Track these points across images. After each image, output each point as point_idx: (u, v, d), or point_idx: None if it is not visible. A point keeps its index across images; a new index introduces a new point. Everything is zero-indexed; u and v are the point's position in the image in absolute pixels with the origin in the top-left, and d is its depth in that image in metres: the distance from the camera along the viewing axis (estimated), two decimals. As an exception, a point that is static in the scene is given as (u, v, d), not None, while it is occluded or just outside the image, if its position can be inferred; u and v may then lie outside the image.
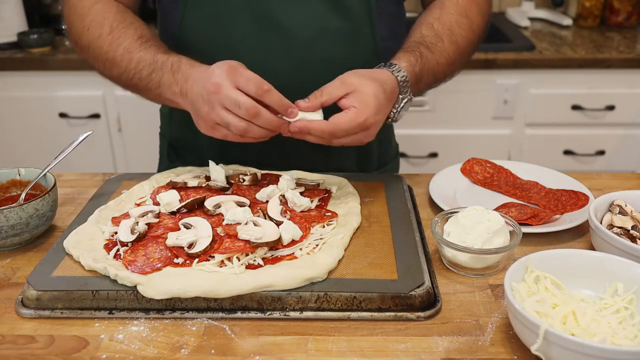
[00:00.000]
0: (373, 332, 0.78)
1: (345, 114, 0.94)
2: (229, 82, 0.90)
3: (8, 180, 1.05)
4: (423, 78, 1.07)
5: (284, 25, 1.08)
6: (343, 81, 0.96)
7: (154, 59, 1.01)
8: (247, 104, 0.89)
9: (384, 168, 1.34)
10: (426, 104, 2.33)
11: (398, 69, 1.02)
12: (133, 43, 1.04)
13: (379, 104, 0.95)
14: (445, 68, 1.10)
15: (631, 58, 2.23)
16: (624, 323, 0.73)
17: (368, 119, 0.94)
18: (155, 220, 0.94)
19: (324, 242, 0.90)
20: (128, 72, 1.03)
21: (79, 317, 0.81)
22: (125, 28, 1.06)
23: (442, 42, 1.09)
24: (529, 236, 0.98)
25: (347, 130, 0.94)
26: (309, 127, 0.94)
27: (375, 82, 0.97)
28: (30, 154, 2.44)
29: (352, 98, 0.94)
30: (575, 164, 2.39)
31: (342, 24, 1.10)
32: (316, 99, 0.96)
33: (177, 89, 0.98)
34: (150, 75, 1.01)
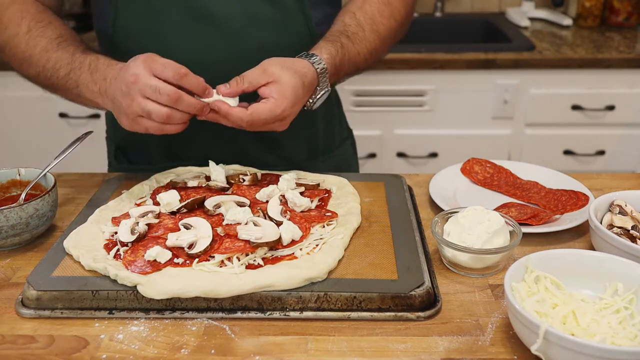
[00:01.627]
0: (373, 332, 0.78)
1: (264, 104, 0.96)
2: (147, 71, 0.90)
3: (8, 180, 1.05)
4: (343, 68, 1.09)
5: (215, 16, 1.09)
6: (264, 69, 0.98)
7: (71, 59, 1.01)
8: (167, 89, 0.90)
9: (333, 153, 1.34)
10: (426, 104, 2.33)
11: (319, 61, 1.04)
12: (51, 42, 1.04)
13: (296, 97, 0.98)
14: (366, 57, 1.13)
15: (631, 58, 2.23)
16: (624, 323, 0.73)
17: (285, 110, 0.97)
18: (155, 220, 0.94)
19: (324, 242, 0.90)
20: (46, 72, 1.03)
21: (79, 317, 0.81)
22: (43, 27, 1.06)
23: (363, 31, 1.12)
24: (529, 236, 0.98)
25: (265, 120, 0.96)
26: (229, 111, 0.96)
27: (295, 74, 0.99)
28: (30, 154, 2.44)
29: (271, 88, 0.97)
30: (575, 164, 2.39)
31: (273, 11, 1.11)
32: (237, 85, 0.98)
33: (96, 88, 0.98)
34: (68, 75, 1.01)
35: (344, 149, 1.39)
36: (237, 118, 0.95)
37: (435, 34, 2.72)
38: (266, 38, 1.12)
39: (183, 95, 0.92)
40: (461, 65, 2.25)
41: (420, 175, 1.22)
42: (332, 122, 1.35)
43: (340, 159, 1.37)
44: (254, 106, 0.96)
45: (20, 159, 2.39)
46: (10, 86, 2.33)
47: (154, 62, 0.92)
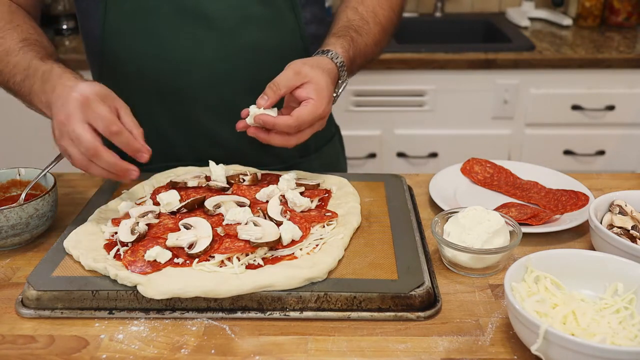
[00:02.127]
0: (373, 332, 0.78)
1: (306, 107, 0.96)
2: (79, 115, 0.87)
3: (8, 180, 1.05)
4: (356, 60, 1.11)
5: (207, 15, 1.09)
6: (297, 71, 0.99)
7: (29, 65, 0.99)
8: (87, 143, 0.87)
9: (323, 149, 1.35)
10: (426, 104, 2.33)
11: (336, 56, 1.05)
12: (14, 45, 1.02)
13: (330, 94, 1.00)
14: (373, 49, 1.16)
15: (631, 58, 2.23)
16: (624, 323, 0.73)
17: (325, 109, 0.98)
18: (155, 220, 0.94)
19: (324, 242, 0.90)
20: (4, 76, 1.02)
21: (79, 317, 0.81)
22: (10, 29, 1.05)
23: (368, 24, 1.14)
24: (529, 236, 0.98)
25: (310, 122, 0.97)
26: (275, 122, 0.96)
27: (324, 72, 1.00)
28: (30, 154, 2.44)
29: (308, 89, 0.97)
30: (575, 164, 2.39)
31: (265, 10, 1.12)
32: (275, 93, 0.98)
33: (44, 99, 0.95)
34: (23, 81, 0.99)
35: (333, 145, 1.40)
36: (285, 126, 0.95)
37: (435, 34, 2.72)
38: (258, 37, 1.12)
39: (102, 153, 0.87)
40: (461, 65, 2.25)
41: (420, 175, 1.22)
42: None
43: (330, 155, 1.38)
44: (297, 111, 0.96)
45: (20, 159, 2.39)
46: (10, 86, 2.32)
47: (91, 110, 0.88)
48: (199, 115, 1.17)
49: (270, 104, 0.98)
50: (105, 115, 0.88)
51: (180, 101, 1.16)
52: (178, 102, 1.16)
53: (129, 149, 0.91)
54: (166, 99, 1.15)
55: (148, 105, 1.17)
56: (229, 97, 1.15)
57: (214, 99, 1.15)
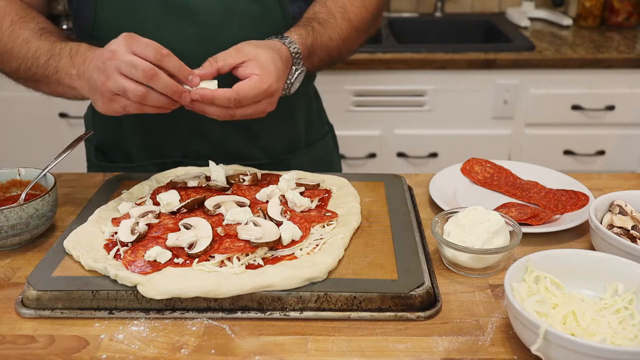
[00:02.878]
0: (373, 332, 0.78)
1: (249, 80, 0.95)
2: (125, 48, 0.89)
3: (8, 180, 1.05)
4: (316, 52, 1.09)
5: (193, 10, 1.09)
6: (238, 49, 0.98)
7: (52, 46, 1.00)
8: (143, 65, 0.87)
9: (313, 147, 1.34)
10: (426, 104, 2.33)
11: (290, 41, 1.04)
12: (33, 34, 1.04)
13: (278, 70, 0.97)
14: (339, 43, 1.14)
15: (631, 58, 2.23)
16: (624, 323, 0.73)
17: (271, 85, 0.95)
18: (155, 220, 0.94)
19: (324, 242, 0.90)
20: (26, 62, 1.02)
21: (79, 317, 0.81)
22: (26, 22, 1.06)
23: (334, 18, 1.13)
24: (529, 236, 0.98)
25: (253, 97, 0.94)
26: (213, 95, 0.93)
27: (270, 49, 0.99)
28: (30, 154, 2.44)
29: (251, 66, 0.96)
30: (575, 164, 2.39)
31: (251, 5, 1.12)
32: (211, 65, 0.97)
33: (75, 71, 0.96)
34: (48, 61, 1.00)
35: (325, 143, 1.40)
36: (225, 99, 0.93)
37: (435, 34, 2.72)
38: (244, 32, 1.12)
39: (160, 73, 0.89)
40: (461, 65, 2.25)
41: (420, 175, 1.22)
42: (311, 116, 1.35)
43: (321, 152, 1.37)
44: (238, 84, 0.94)
45: (20, 159, 2.40)
46: (10, 86, 2.31)
47: (135, 40, 0.90)
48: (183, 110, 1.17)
49: (204, 75, 0.96)
50: (153, 43, 0.90)
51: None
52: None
53: (181, 72, 0.92)
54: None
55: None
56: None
57: None
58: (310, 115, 1.35)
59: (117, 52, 0.89)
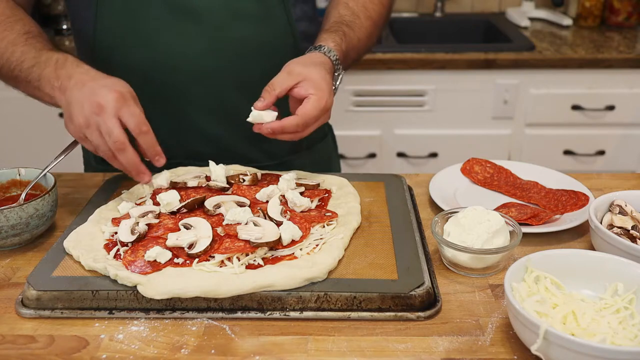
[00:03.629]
0: (373, 332, 0.78)
1: (308, 102, 0.98)
2: (112, 110, 0.91)
3: (8, 180, 1.05)
4: (349, 54, 1.13)
5: (196, 10, 1.10)
6: (289, 72, 1.00)
7: (38, 53, 1.02)
8: (117, 137, 0.91)
9: (313, 148, 1.35)
10: (426, 104, 2.33)
11: (329, 50, 1.07)
12: (19, 37, 1.04)
13: (329, 85, 1.01)
14: (365, 42, 1.18)
15: (631, 58, 2.23)
16: (624, 323, 0.73)
17: (327, 101, 0.99)
18: (155, 220, 0.94)
19: (324, 242, 0.90)
20: (10, 64, 1.03)
21: (79, 317, 0.81)
22: (12, 23, 1.06)
23: (359, 19, 1.16)
24: (529, 236, 0.98)
25: (316, 116, 0.98)
26: (282, 125, 0.98)
27: (318, 66, 1.02)
28: (30, 154, 2.44)
29: (305, 86, 0.99)
30: (575, 164, 2.39)
31: (255, 6, 1.12)
32: (270, 94, 0.99)
33: (57, 84, 0.98)
34: (32, 67, 1.01)
35: (325, 144, 1.40)
36: (293, 126, 0.97)
37: (435, 34, 2.72)
38: (247, 33, 1.13)
39: (127, 150, 0.92)
40: (461, 65, 2.25)
41: (420, 175, 1.22)
42: None
43: (322, 153, 1.38)
44: (301, 108, 0.98)
45: (20, 159, 2.39)
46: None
47: (125, 105, 0.93)
48: (188, 111, 1.17)
49: (267, 105, 0.99)
50: (138, 113, 0.94)
51: (170, 96, 1.17)
52: (167, 98, 1.17)
53: (151, 151, 0.96)
54: (156, 94, 1.16)
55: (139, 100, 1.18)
56: (218, 93, 1.16)
57: (203, 94, 1.16)
58: None
59: (104, 110, 0.91)
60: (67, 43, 2.42)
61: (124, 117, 0.92)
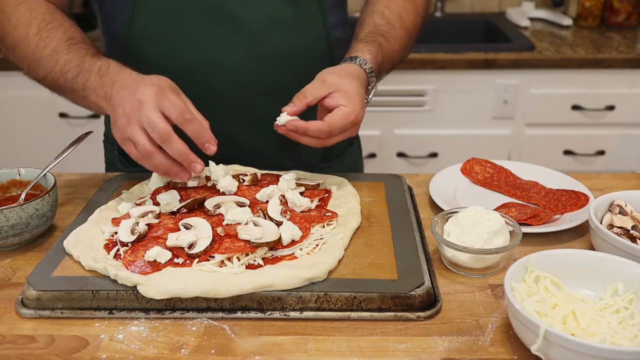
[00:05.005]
0: (373, 332, 0.78)
1: (337, 112, 0.97)
2: (153, 104, 0.89)
3: (8, 180, 1.05)
4: (384, 66, 1.12)
5: (237, 19, 1.09)
6: (323, 81, 1.00)
7: (81, 61, 1.00)
8: (161, 128, 0.88)
9: (344, 154, 1.35)
10: (426, 104, 2.33)
11: (364, 62, 1.06)
12: (61, 44, 1.03)
13: (362, 99, 1.00)
14: (400, 54, 1.17)
15: (631, 58, 2.23)
16: (624, 323, 0.73)
17: (358, 114, 0.98)
18: (155, 220, 0.94)
19: (324, 242, 0.90)
20: (54, 74, 1.02)
21: (79, 317, 0.81)
22: (54, 29, 1.05)
23: (394, 29, 1.15)
24: (529, 236, 0.98)
25: (342, 127, 0.97)
26: (307, 127, 0.96)
27: (353, 78, 1.01)
28: (30, 154, 2.44)
29: (337, 97, 0.98)
30: (575, 164, 2.39)
31: (294, 14, 1.12)
32: (301, 101, 0.99)
33: (102, 93, 0.97)
34: (76, 77, 1.00)
35: (353, 150, 1.40)
36: (317, 131, 0.96)
37: (435, 34, 2.72)
38: (285, 41, 1.12)
39: (173, 139, 0.89)
40: (461, 65, 2.25)
41: (420, 175, 1.22)
42: None
43: (350, 160, 1.38)
44: (329, 116, 0.97)
45: (20, 159, 2.40)
46: (10, 86, 2.33)
47: (165, 97, 0.91)
48: (221, 117, 1.16)
49: (297, 112, 0.98)
50: (180, 103, 0.91)
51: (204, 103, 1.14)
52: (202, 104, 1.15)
53: (200, 139, 0.92)
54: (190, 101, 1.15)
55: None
56: (254, 100, 1.15)
57: (238, 100, 1.15)
58: None
59: (144, 105, 0.89)
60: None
61: (165, 108, 0.90)
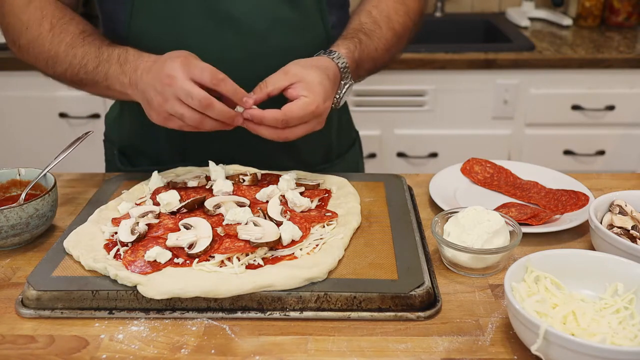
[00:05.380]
0: (373, 332, 0.78)
1: (297, 102, 0.96)
2: (183, 74, 0.91)
3: (8, 180, 1.05)
4: (363, 64, 1.10)
5: (237, 18, 1.09)
6: (286, 71, 0.99)
7: (99, 52, 1.01)
8: (199, 95, 0.90)
9: (345, 155, 1.35)
10: (426, 104, 2.33)
11: (338, 56, 1.04)
12: (75, 38, 1.03)
13: (325, 91, 0.98)
14: (383, 53, 1.14)
15: (631, 58, 2.23)
16: (624, 323, 0.73)
17: (319, 106, 0.97)
18: (155, 220, 0.94)
19: (324, 242, 0.90)
20: (73, 68, 1.03)
21: (79, 317, 0.81)
22: (66, 24, 1.05)
23: (380, 29, 1.13)
24: (529, 236, 0.98)
25: (300, 117, 0.96)
26: (262, 115, 0.96)
27: (318, 69, 0.99)
28: (30, 154, 2.44)
29: (299, 87, 0.97)
30: (575, 164, 2.39)
31: (294, 14, 1.11)
32: (262, 90, 0.98)
33: (126, 80, 0.98)
34: (96, 68, 1.00)
35: (354, 150, 1.40)
36: (272, 119, 0.95)
37: (435, 34, 2.72)
38: (285, 40, 1.12)
39: (214, 103, 0.91)
40: (461, 65, 2.25)
41: (420, 175, 1.22)
42: (342, 123, 1.35)
43: (351, 160, 1.37)
44: (286, 105, 0.96)
45: (20, 159, 2.40)
46: (10, 86, 2.33)
47: (193, 65, 0.92)
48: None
49: (256, 101, 0.98)
50: (208, 66, 0.93)
51: None
52: None
53: (236, 95, 0.94)
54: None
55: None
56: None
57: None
58: (341, 123, 1.34)
59: (175, 79, 0.90)
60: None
61: (196, 75, 0.91)
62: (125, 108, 1.27)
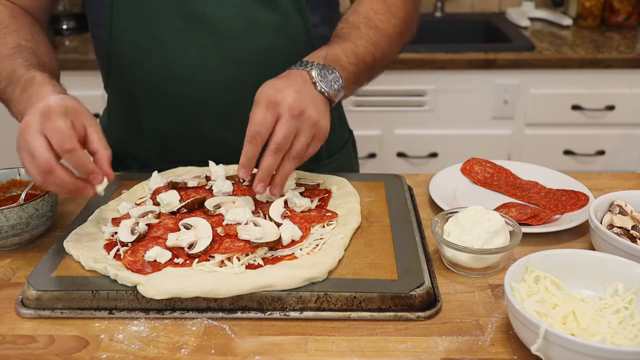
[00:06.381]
0: (373, 332, 0.78)
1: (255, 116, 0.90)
2: (36, 127, 0.82)
3: (8, 180, 1.05)
4: (339, 57, 1.02)
5: (212, 21, 1.08)
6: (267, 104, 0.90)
7: (13, 72, 0.95)
8: (40, 158, 0.81)
9: (335, 156, 1.33)
10: (426, 104, 2.33)
11: (306, 63, 0.97)
12: (5, 52, 0.99)
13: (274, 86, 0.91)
14: (369, 48, 1.08)
15: (631, 58, 2.23)
16: (624, 323, 0.73)
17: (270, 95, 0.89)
18: (155, 220, 0.94)
19: (324, 242, 0.90)
20: None
21: (79, 317, 0.81)
22: (5, 35, 1.01)
23: (357, 29, 1.08)
24: (529, 236, 0.98)
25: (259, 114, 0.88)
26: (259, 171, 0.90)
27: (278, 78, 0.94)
28: (30, 154, 2.44)
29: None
30: (575, 164, 2.39)
31: (271, 15, 1.10)
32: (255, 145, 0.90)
33: (21, 108, 0.91)
34: (5, 88, 0.96)
35: (346, 151, 1.39)
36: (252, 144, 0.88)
37: (435, 34, 2.72)
38: (265, 42, 1.11)
39: (56, 170, 0.81)
40: (461, 65, 2.25)
41: (420, 175, 1.22)
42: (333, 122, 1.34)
43: (343, 161, 1.36)
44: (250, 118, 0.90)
45: (20, 159, 2.39)
46: (10, 86, 2.32)
47: (49, 120, 0.82)
48: (206, 121, 1.16)
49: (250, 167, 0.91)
50: (63, 129, 0.81)
51: (186, 107, 1.15)
52: (184, 108, 1.15)
53: (82, 170, 0.84)
54: (172, 105, 1.14)
55: (155, 110, 1.17)
56: (235, 103, 1.14)
57: (222, 104, 1.14)
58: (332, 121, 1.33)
59: (28, 129, 0.82)
60: (67, 43, 2.42)
61: (48, 133, 0.81)
62: (112, 114, 1.28)
